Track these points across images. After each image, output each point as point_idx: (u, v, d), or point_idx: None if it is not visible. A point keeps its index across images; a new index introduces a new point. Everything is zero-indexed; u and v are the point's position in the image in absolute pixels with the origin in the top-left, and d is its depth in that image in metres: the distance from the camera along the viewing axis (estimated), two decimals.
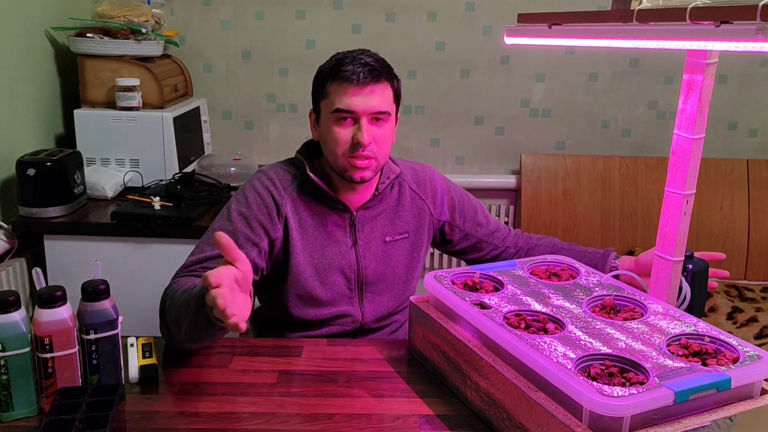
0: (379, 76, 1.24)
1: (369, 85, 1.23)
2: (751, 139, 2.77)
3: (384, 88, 1.26)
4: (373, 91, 1.24)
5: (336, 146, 1.26)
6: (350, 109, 1.23)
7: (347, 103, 1.23)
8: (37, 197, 1.85)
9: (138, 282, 1.83)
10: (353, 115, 1.24)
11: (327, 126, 1.27)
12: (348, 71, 1.23)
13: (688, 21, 0.84)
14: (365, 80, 1.23)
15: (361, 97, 1.23)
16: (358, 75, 1.22)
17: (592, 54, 2.65)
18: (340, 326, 1.36)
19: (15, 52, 1.96)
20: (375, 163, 1.27)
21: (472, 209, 1.48)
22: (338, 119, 1.25)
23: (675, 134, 1.08)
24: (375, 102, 1.24)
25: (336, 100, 1.24)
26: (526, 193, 2.65)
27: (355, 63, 1.23)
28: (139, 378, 1.09)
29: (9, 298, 0.94)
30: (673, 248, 1.10)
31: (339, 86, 1.24)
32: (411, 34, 2.61)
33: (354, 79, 1.22)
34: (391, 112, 1.28)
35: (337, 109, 1.24)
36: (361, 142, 1.23)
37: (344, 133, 1.25)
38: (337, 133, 1.25)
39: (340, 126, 1.25)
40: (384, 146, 1.28)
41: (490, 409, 0.97)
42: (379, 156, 1.27)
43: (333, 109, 1.24)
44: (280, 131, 2.69)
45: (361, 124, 1.24)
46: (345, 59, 1.25)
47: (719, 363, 0.90)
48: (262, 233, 1.28)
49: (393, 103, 1.29)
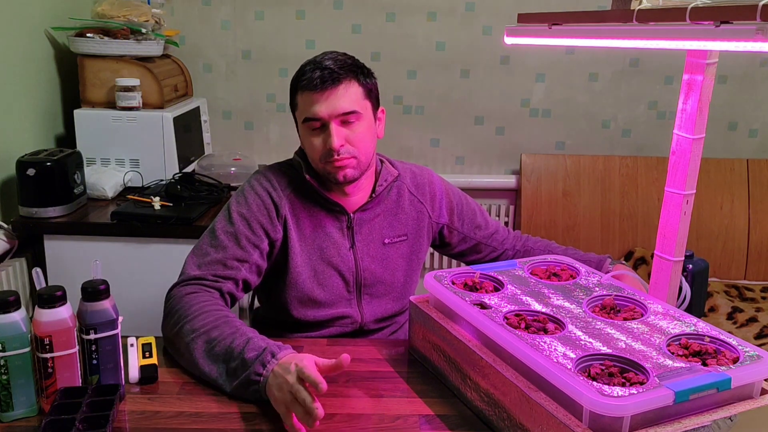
0: (337, 78, 1.23)
1: (328, 88, 1.22)
2: (751, 139, 2.77)
3: (347, 87, 1.24)
4: (334, 93, 1.23)
5: (313, 153, 1.27)
6: (315, 116, 1.23)
7: (312, 110, 1.24)
8: (37, 197, 1.85)
9: (138, 282, 1.83)
10: (321, 120, 1.24)
11: (303, 135, 1.29)
12: (307, 79, 1.23)
13: (688, 21, 0.84)
14: (324, 84, 1.22)
15: (323, 102, 1.23)
16: (315, 81, 1.22)
17: (592, 54, 2.65)
18: (340, 327, 1.36)
19: (15, 52, 1.96)
20: (355, 161, 1.26)
21: (471, 212, 1.48)
22: (309, 128, 1.26)
23: (675, 134, 1.08)
24: (338, 104, 1.23)
25: (303, 109, 1.25)
26: (526, 193, 2.65)
27: (314, 69, 1.23)
28: (139, 378, 1.09)
29: (9, 298, 0.94)
30: (673, 248, 1.10)
31: (303, 95, 1.25)
32: (411, 34, 2.61)
33: (313, 86, 1.22)
34: (362, 110, 1.26)
35: (306, 119, 1.25)
36: (332, 147, 1.23)
37: (317, 140, 1.25)
38: (312, 142, 1.26)
39: (312, 134, 1.26)
40: (361, 144, 1.26)
41: (490, 409, 0.97)
42: (359, 154, 1.26)
43: (303, 119, 1.26)
44: (280, 131, 2.69)
45: (329, 129, 1.23)
46: (306, 67, 1.26)
47: (719, 363, 0.90)
48: (262, 234, 1.28)
49: (364, 100, 1.27)
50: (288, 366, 0.98)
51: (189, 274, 1.22)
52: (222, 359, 1.07)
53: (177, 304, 1.16)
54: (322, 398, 1.05)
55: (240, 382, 1.03)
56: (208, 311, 1.13)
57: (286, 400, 0.95)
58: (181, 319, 1.13)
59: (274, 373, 1.00)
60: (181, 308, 1.15)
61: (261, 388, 1.01)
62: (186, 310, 1.14)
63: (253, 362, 1.02)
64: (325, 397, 1.06)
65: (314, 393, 0.93)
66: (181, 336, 1.12)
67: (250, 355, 1.04)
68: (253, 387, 1.02)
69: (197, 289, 1.19)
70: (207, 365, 1.08)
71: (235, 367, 1.04)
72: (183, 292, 1.18)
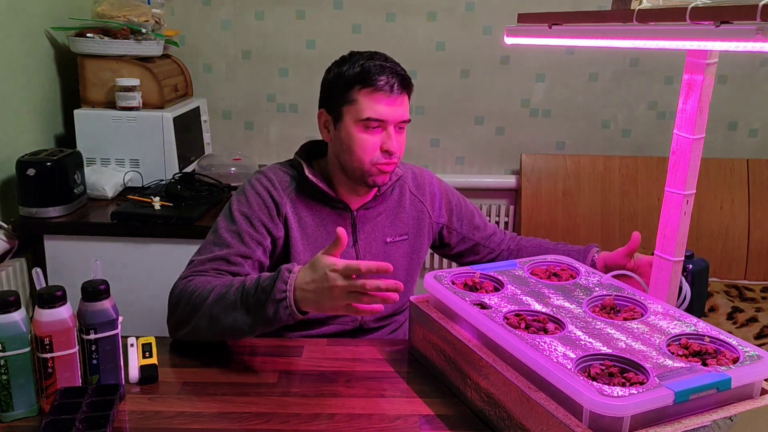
0: (408, 86, 1.28)
1: (401, 95, 1.26)
2: (751, 139, 2.77)
3: (408, 97, 1.29)
4: (403, 101, 1.27)
5: (363, 153, 1.27)
6: (382, 118, 1.25)
7: (380, 112, 1.24)
8: (37, 197, 1.85)
9: (138, 282, 1.83)
10: (383, 123, 1.25)
11: (350, 132, 1.27)
12: (382, 81, 1.24)
13: (688, 21, 0.84)
14: (398, 91, 1.25)
15: (393, 107, 1.25)
16: (392, 86, 1.24)
17: (592, 54, 2.65)
18: (340, 325, 1.36)
19: (15, 52, 1.96)
20: (394, 167, 1.31)
21: (469, 213, 1.49)
22: (367, 127, 1.26)
23: (675, 134, 1.08)
24: (402, 111, 1.27)
25: (366, 107, 1.25)
26: (526, 193, 2.65)
27: (386, 72, 1.25)
28: (139, 378, 1.09)
29: (9, 298, 0.94)
30: (673, 248, 1.10)
31: (371, 95, 1.25)
32: (411, 34, 2.61)
33: (387, 89, 1.24)
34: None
35: (369, 118, 1.25)
36: (392, 150, 1.26)
37: (373, 140, 1.26)
38: (365, 140, 1.26)
39: (368, 133, 1.26)
40: (402, 151, 1.31)
41: (490, 409, 0.97)
42: (398, 161, 1.31)
43: (363, 117, 1.25)
44: (280, 131, 2.69)
45: (389, 132, 1.26)
46: (373, 67, 1.25)
47: (719, 363, 0.90)
48: (264, 232, 1.28)
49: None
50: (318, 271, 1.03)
51: (191, 270, 1.23)
52: (240, 303, 1.09)
53: (182, 291, 1.18)
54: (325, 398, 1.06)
55: (267, 310, 1.06)
56: (214, 283, 1.16)
57: (339, 297, 1.01)
58: (190, 297, 1.15)
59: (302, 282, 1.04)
60: (186, 290, 1.17)
61: (290, 305, 1.04)
62: (192, 289, 1.16)
63: (274, 283, 1.06)
64: (325, 397, 1.06)
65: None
66: (194, 309, 1.14)
67: (265, 283, 1.07)
68: (283, 304, 1.04)
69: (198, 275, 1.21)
70: (228, 317, 1.10)
71: (257, 299, 1.07)
72: (186, 281, 1.20)
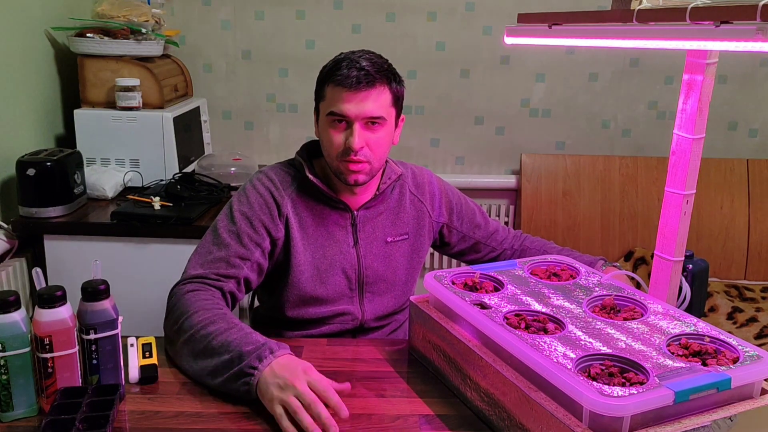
0: (373, 81, 1.22)
1: (363, 90, 1.22)
2: (751, 139, 2.77)
3: (379, 92, 1.24)
4: (367, 96, 1.22)
5: (330, 148, 1.26)
6: (343, 113, 1.23)
7: (340, 107, 1.23)
8: (37, 197, 1.85)
9: (138, 282, 1.83)
10: (346, 119, 1.24)
11: (323, 127, 1.28)
12: (342, 75, 1.22)
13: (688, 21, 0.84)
14: (359, 85, 1.21)
15: (354, 103, 1.22)
16: (351, 80, 1.21)
17: (592, 54, 2.65)
18: (340, 324, 1.36)
19: (15, 52, 1.96)
20: (368, 167, 1.26)
21: (470, 211, 1.49)
22: (332, 122, 1.25)
23: (675, 134, 1.08)
24: (368, 107, 1.23)
25: (331, 103, 1.24)
26: (526, 193, 2.65)
27: (351, 67, 1.22)
28: (139, 378, 1.09)
29: (9, 298, 0.94)
30: (673, 248, 1.10)
31: (334, 89, 1.24)
32: (411, 34, 2.61)
33: (348, 84, 1.21)
34: (387, 116, 1.26)
35: (331, 112, 1.24)
36: (352, 147, 1.23)
37: (338, 136, 1.25)
38: (332, 136, 1.25)
39: (334, 129, 1.25)
40: (378, 150, 1.27)
41: (490, 409, 0.97)
42: (373, 160, 1.26)
43: (327, 112, 1.25)
44: (280, 131, 2.69)
45: (353, 129, 1.23)
46: (343, 62, 1.24)
47: (719, 363, 0.90)
48: (264, 233, 1.28)
49: (391, 107, 1.27)
50: (294, 369, 0.98)
51: (191, 273, 1.22)
52: (217, 352, 1.05)
53: (177, 302, 1.17)
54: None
55: (232, 374, 1.02)
56: (207, 308, 1.13)
57: (288, 403, 0.95)
58: (181, 317, 1.13)
59: (273, 371, 0.99)
60: (181, 306, 1.15)
61: (252, 383, 1.00)
62: (186, 307, 1.14)
63: (250, 355, 1.02)
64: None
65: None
66: (180, 333, 1.12)
67: (247, 348, 1.03)
68: (244, 380, 1.00)
69: (198, 287, 1.19)
70: (202, 361, 1.07)
71: (230, 359, 1.03)
72: (184, 290, 1.18)
